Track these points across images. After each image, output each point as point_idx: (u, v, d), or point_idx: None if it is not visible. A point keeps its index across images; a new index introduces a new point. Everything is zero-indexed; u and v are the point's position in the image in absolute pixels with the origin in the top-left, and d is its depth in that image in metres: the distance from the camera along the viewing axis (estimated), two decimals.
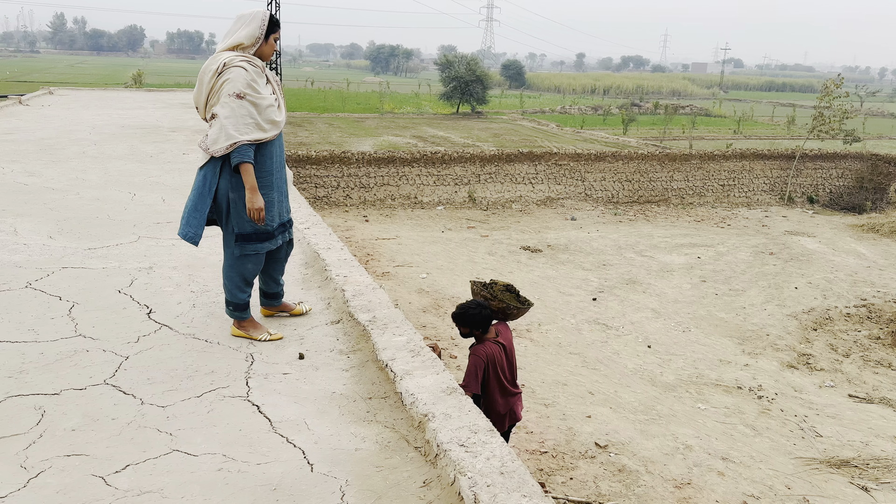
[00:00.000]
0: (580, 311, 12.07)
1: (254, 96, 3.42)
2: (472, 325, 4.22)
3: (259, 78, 3.49)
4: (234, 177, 3.52)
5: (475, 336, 4.31)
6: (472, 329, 4.24)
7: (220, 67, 3.44)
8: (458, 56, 41.84)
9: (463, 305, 4.24)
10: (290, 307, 4.08)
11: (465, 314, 4.19)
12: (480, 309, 4.20)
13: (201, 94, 3.57)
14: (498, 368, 4.29)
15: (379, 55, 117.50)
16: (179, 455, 2.73)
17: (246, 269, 3.68)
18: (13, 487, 2.48)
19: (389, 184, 20.58)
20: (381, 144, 23.01)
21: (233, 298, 3.72)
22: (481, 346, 4.22)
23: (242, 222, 3.58)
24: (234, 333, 3.79)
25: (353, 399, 3.17)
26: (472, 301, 4.27)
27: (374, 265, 13.74)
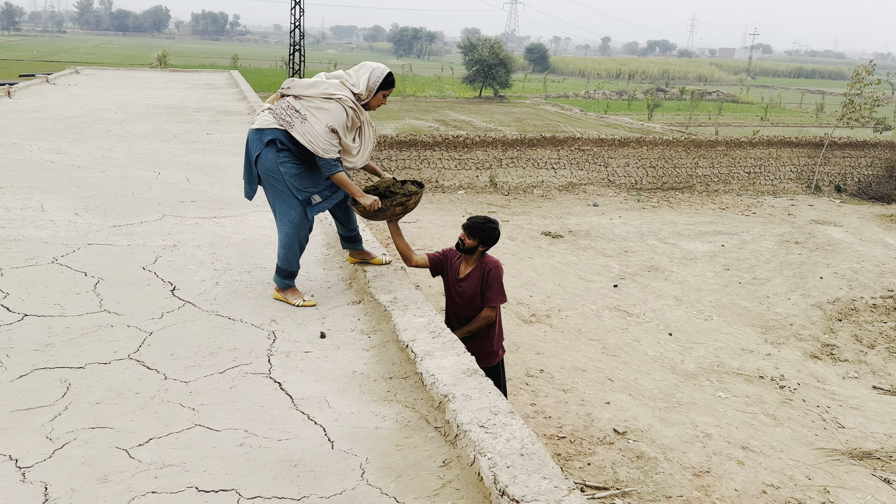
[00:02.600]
0: (601, 297, 12.00)
1: (340, 135, 3.87)
2: (485, 242, 4.24)
3: (350, 129, 3.93)
4: (280, 152, 3.86)
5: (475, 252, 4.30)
6: (480, 244, 4.24)
7: (331, 95, 3.86)
8: (481, 39, 41.52)
9: (481, 218, 4.28)
10: (370, 255, 4.51)
11: (484, 228, 4.22)
12: (496, 228, 4.29)
13: (304, 86, 3.94)
14: None
15: (402, 38, 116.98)
16: (202, 430, 2.76)
17: (303, 234, 3.97)
18: (39, 458, 2.52)
19: (411, 167, 20.54)
20: (403, 128, 22.95)
21: (288, 266, 4.01)
22: (494, 259, 4.33)
23: (303, 192, 3.95)
24: (274, 297, 4.08)
25: (374, 378, 3.18)
26: (489, 218, 4.30)
27: (394, 249, 13.76)
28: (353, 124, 3.89)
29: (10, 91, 13.54)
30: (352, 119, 3.87)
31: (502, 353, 4.60)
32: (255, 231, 5.39)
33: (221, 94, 16.03)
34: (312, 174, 3.97)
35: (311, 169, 3.96)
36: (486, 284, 4.26)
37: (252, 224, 5.60)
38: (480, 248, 4.25)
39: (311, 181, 3.97)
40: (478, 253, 4.28)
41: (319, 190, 4.01)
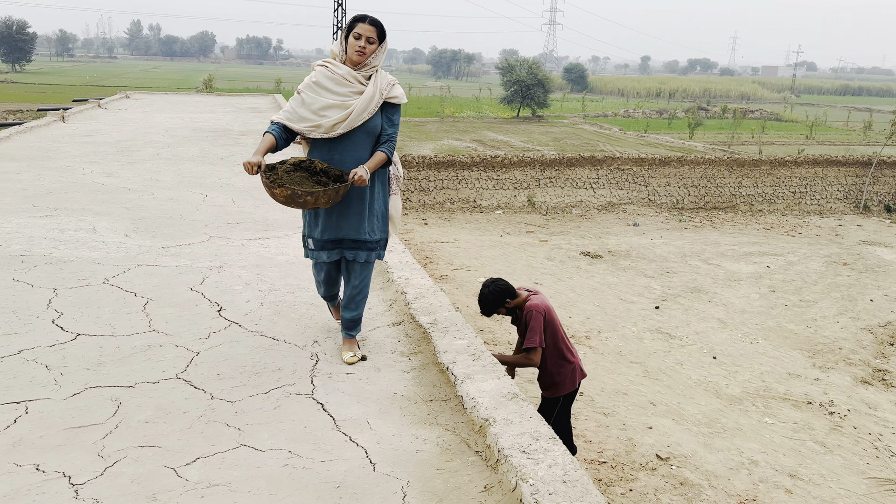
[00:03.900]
0: (642, 319, 11.83)
1: (306, 94, 3.46)
2: (489, 306, 4.31)
3: (326, 81, 3.44)
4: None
5: (513, 308, 4.38)
6: (499, 306, 4.32)
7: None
8: (519, 60, 41.71)
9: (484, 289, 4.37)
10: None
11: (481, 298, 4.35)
12: (488, 286, 4.35)
13: None
14: (556, 316, 4.47)
15: (440, 60, 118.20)
16: (247, 449, 2.80)
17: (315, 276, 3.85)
18: (91, 475, 2.60)
19: (449, 187, 20.65)
20: (441, 148, 23.12)
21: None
22: (531, 302, 4.33)
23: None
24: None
25: (415, 401, 3.20)
26: (483, 286, 4.38)
27: (433, 268, 13.81)
28: (321, 84, 3.44)
29: (65, 116, 14.08)
30: (319, 76, 3.45)
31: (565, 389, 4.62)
32: (299, 252, 5.49)
33: (265, 117, 16.40)
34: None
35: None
36: (524, 328, 4.35)
37: (295, 245, 5.70)
38: (503, 309, 4.39)
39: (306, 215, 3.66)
40: (513, 304, 4.38)
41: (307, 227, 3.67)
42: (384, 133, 3.50)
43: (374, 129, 3.47)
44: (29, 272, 4.76)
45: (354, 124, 3.39)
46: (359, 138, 3.45)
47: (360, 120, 3.40)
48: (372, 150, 3.49)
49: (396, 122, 3.59)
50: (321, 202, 3.19)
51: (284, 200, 3.14)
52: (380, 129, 3.49)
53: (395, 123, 3.58)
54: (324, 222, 3.54)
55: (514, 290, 4.38)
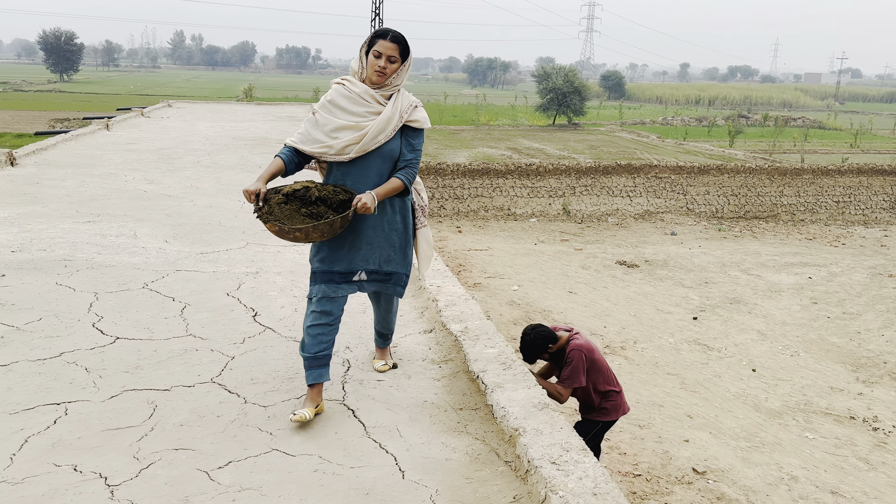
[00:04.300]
0: (679, 330, 11.64)
1: (320, 114, 3.19)
2: (532, 352, 4.46)
3: (341, 100, 3.16)
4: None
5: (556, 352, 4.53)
6: (541, 353, 4.46)
7: None
8: (555, 67, 41.56)
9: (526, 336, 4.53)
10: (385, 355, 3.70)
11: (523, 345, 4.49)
12: (529, 334, 4.49)
13: None
14: (598, 353, 4.61)
15: (476, 68, 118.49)
16: (278, 454, 2.83)
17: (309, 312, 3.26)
18: (126, 477, 2.65)
19: (483, 195, 20.64)
20: (476, 156, 23.14)
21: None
22: (575, 342, 4.48)
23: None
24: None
25: (444, 409, 3.19)
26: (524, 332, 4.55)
27: (466, 276, 13.80)
28: (335, 103, 3.16)
29: (109, 124, 14.47)
30: (335, 94, 3.18)
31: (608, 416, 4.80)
32: None
33: None
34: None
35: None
36: (565, 364, 4.49)
37: None
38: (546, 355, 4.51)
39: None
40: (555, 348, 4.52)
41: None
42: (403, 158, 3.18)
43: (392, 154, 3.16)
44: (71, 276, 4.89)
45: (368, 147, 3.09)
46: (374, 163, 3.15)
47: (376, 143, 3.10)
48: (389, 176, 3.19)
49: (418, 148, 3.26)
50: (313, 237, 2.90)
51: (277, 235, 2.91)
52: (398, 154, 3.18)
53: (417, 149, 3.25)
54: (330, 252, 3.18)
55: (554, 335, 4.51)
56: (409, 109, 3.18)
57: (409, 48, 3.15)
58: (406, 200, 3.30)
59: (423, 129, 3.25)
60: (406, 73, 3.20)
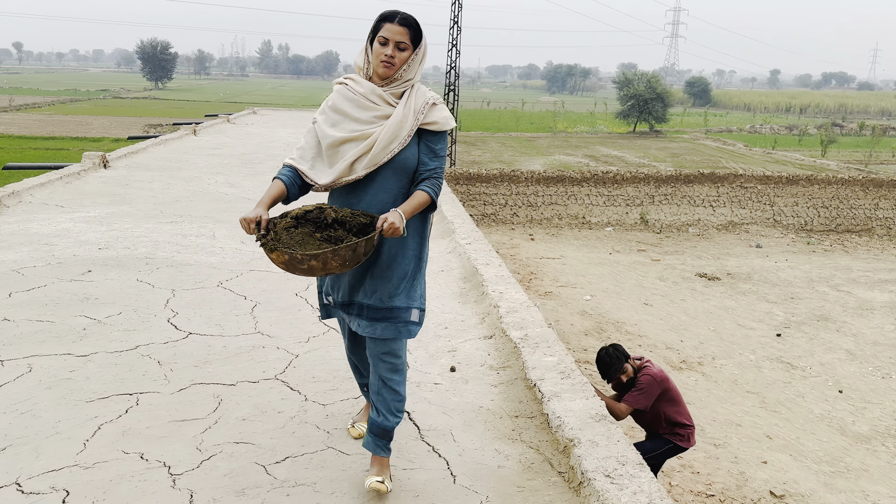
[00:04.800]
0: (761, 346, 11.14)
1: (319, 124, 2.65)
2: (608, 369, 4.53)
3: (343, 104, 2.59)
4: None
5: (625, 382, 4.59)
6: (618, 372, 4.52)
7: None
8: (637, 74, 40.75)
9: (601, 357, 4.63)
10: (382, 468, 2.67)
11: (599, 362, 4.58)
12: (607, 349, 4.56)
13: None
14: (673, 385, 4.64)
15: (556, 75, 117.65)
16: (334, 452, 2.87)
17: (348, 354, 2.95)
18: (188, 467, 2.74)
19: (557, 203, 20.42)
20: (552, 163, 22.92)
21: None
22: (651, 368, 4.53)
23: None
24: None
25: (500, 416, 3.15)
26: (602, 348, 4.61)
27: (537, 284, 13.66)
28: (337, 108, 2.61)
29: (196, 130, 15.15)
30: (336, 98, 2.62)
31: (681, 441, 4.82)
32: None
33: None
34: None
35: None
36: (632, 387, 4.56)
37: None
38: (623, 376, 4.56)
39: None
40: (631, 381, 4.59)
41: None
42: (424, 168, 2.57)
43: (408, 165, 2.55)
44: (152, 273, 5.13)
45: (380, 160, 2.50)
46: (388, 178, 2.55)
47: (388, 153, 2.50)
48: (408, 191, 2.58)
49: (441, 154, 2.62)
50: (333, 266, 2.31)
51: (285, 267, 2.32)
52: (416, 163, 2.57)
53: (440, 155, 2.61)
54: (329, 280, 2.69)
55: (628, 355, 4.61)
56: (424, 108, 2.55)
57: (421, 32, 2.55)
58: (426, 220, 2.66)
59: (445, 132, 2.62)
60: (420, 64, 2.59)
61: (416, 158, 2.57)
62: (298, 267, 2.30)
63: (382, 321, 2.58)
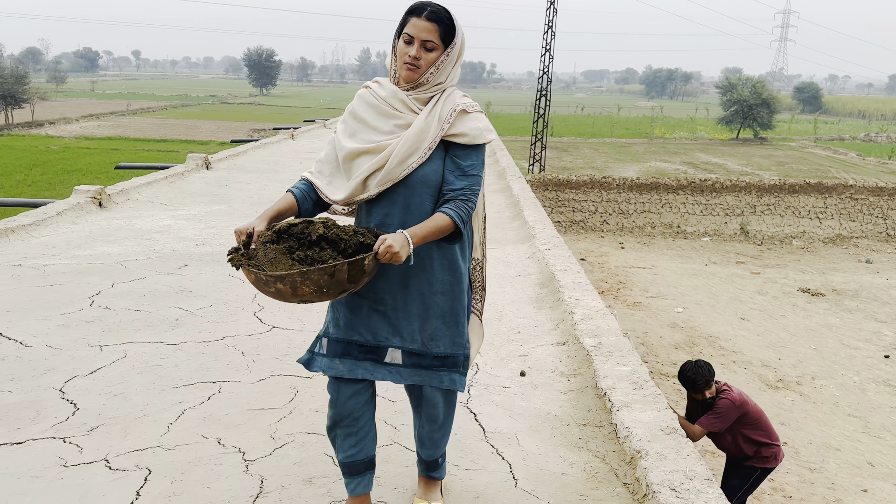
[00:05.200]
0: (867, 368, 10.43)
1: (338, 133, 2.30)
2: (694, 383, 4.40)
3: (363, 111, 2.24)
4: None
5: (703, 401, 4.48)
6: (703, 387, 4.40)
7: None
8: (742, 78, 39.14)
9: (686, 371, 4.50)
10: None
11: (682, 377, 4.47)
12: (693, 363, 4.44)
13: None
14: (753, 407, 4.50)
15: (655, 79, 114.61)
16: (399, 448, 2.92)
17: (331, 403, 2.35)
18: (261, 454, 2.86)
19: (651, 211, 19.86)
20: (647, 170, 22.34)
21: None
22: (731, 392, 4.42)
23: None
24: None
25: (567, 423, 3.11)
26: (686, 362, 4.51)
27: (626, 294, 13.34)
28: (357, 115, 2.25)
29: (294, 134, 15.75)
30: (357, 104, 2.27)
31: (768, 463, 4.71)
32: None
33: None
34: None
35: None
36: (709, 408, 4.46)
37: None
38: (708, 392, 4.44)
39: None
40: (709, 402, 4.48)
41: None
42: (449, 187, 2.16)
43: (430, 183, 2.16)
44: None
45: (394, 177, 2.14)
46: (405, 196, 2.17)
47: (404, 169, 2.13)
48: (432, 211, 2.18)
49: (473, 173, 2.18)
50: (306, 292, 1.94)
51: (257, 287, 2.00)
52: (440, 181, 2.17)
53: (471, 174, 2.17)
54: (347, 313, 2.26)
55: (714, 371, 4.50)
56: (450, 116, 2.15)
57: (454, 29, 2.13)
58: (458, 249, 2.24)
59: (478, 147, 2.20)
60: (454, 66, 2.19)
61: (440, 175, 2.17)
62: (266, 289, 1.96)
63: (430, 371, 2.26)
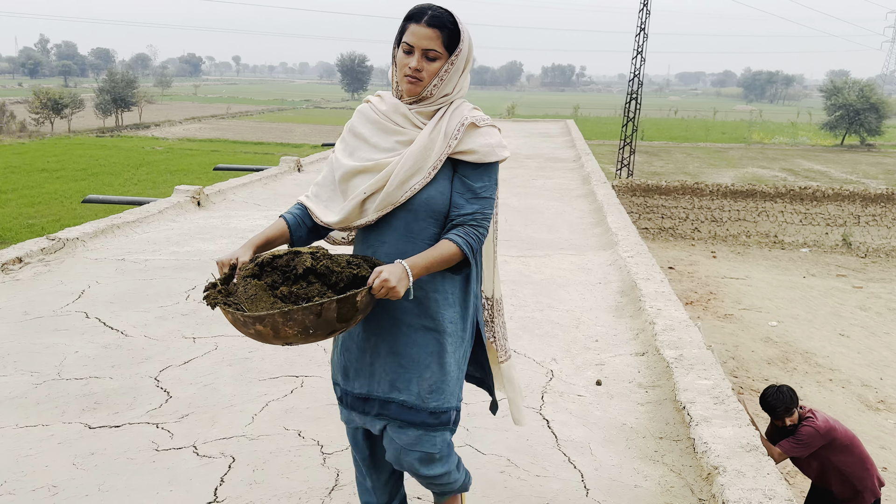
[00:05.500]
0: None
1: (336, 152, 2.05)
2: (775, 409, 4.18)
3: (363, 127, 2.00)
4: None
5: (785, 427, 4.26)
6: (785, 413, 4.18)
7: None
8: (848, 81, 37.00)
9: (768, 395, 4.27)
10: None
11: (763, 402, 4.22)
12: (776, 387, 4.21)
13: None
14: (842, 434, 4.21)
15: (754, 82, 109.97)
16: (470, 450, 2.94)
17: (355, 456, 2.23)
18: (339, 447, 2.95)
19: (746, 219, 19.07)
20: (743, 177, 21.48)
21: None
22: (816, 419, 4.20)
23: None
24: None
25: (643, 435, 3.05)
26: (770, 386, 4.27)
27: (716, 305, 12.87)
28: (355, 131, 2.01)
29: None
30: (357, 119, 2.03)
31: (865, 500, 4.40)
32: (555, 272, 5.57)
33: (553, 141, 16.88)
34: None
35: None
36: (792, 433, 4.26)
37: (554, 265, 5.79)
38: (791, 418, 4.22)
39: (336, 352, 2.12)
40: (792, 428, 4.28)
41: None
42: (458, 212, 1.90)
43: (433, 207, 1.90)
44: None
45: (394, 200, 1.89)
46: (406, 222, 1.92)
47: (406, 191, 1.88)
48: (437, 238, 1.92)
49: (485, 194, 1.92)
50: (289, 334, 1.70)
51: (236, 327, 1.76)
52: (447, 205, 1.91)
53: (483, 196, 1.92)
54: (346, 361, 2.04)
55: (797, 398, 4.28)
56: (457, 132, 1.89)
57: (458, 34, 1.87)
58: (462, 281, 1.98)
59: (489, 165, 1.93)
60: (461, 75, 1.93)
61: (447, 198, 1.91)
62: (246, 330, 1.72)
63: (407, 423, 1.96)
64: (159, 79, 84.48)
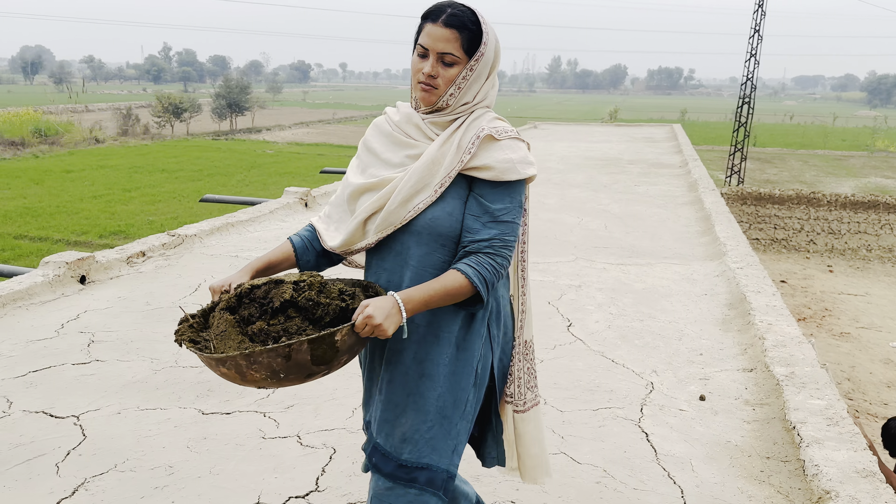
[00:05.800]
0: None
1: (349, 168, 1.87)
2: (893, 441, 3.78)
3: (375, 140, 1.82)
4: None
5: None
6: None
7: None
8: None
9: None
10: None
11: (885, 435, 3.81)
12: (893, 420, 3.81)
13: None
14: None
15: (879, 86, 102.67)
16: (565, 458, 2.92)
17: None
18: None
19: (867, 232, 17.82)
20: (865, 187, 20.13)
21: None
22: None
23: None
24: None
25: (749, 454, 2.92)
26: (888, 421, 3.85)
27: (832, 322, 12.11)
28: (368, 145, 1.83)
29: None
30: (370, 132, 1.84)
31: None
32: (657, 282, 5.42)
33: (658, 147, 16.40)
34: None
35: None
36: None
37: (656, 275, 5.63)
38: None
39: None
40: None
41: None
42: (470, 237, 1.64)
43: (440, 229, 1.66)
44: None
45: (395, 221, 1.67)
46: (408, 247, 1.69)
47: (409, 211, 1.66)
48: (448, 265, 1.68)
49: (506, 217, 1.66)
50: (256, 377, 1.49)
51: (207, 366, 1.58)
52: (457, 229, 1.66)
53: (503, 219, 1.65)
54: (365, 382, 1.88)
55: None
56: (471, 145, 1.65)
57: (481, 35, 1.64)
58: (465, 318, 1.71)
59: (511, 184, 1.67)
60: (484, 82, 1.71)
61: (457, 221, 1.66)
62: (215, 371, 1.53)
63: (382, 473, 1.71)
64: (271, 85, 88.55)
